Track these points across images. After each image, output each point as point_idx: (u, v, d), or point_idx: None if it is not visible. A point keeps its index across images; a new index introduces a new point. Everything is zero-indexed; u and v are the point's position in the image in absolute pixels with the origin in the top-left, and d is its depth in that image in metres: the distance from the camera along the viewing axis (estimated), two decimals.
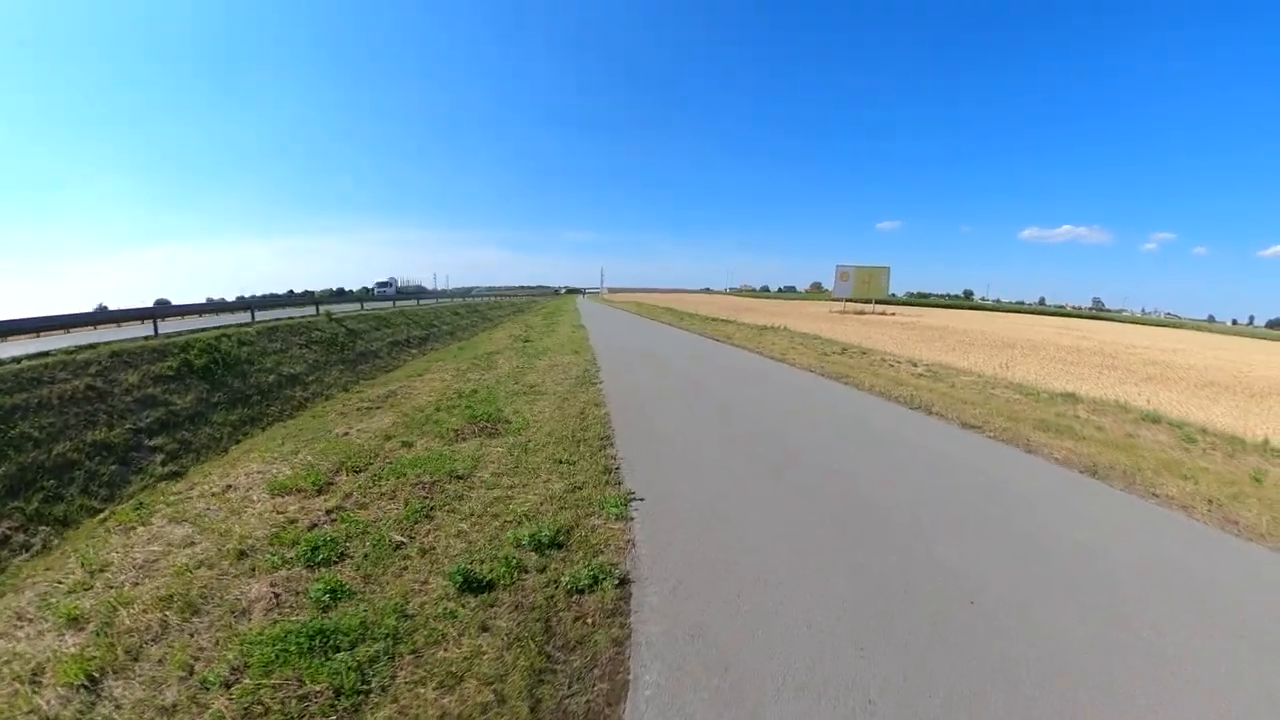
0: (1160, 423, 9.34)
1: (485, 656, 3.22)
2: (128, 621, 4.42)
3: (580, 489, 5.69)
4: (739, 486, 5.84)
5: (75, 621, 4.57)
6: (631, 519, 5.04)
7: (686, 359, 16.33)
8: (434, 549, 4.58)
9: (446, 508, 5.29)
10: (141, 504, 7.27)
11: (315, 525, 5.36)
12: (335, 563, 4.66)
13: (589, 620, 3.52)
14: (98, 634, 4.30)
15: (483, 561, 4.29)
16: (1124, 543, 4.84)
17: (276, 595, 4.35)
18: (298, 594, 4.30)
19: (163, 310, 17.29)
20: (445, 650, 3.31)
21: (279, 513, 5.81)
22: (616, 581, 3.94)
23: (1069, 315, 68.94)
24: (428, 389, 11.73)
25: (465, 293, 62.46)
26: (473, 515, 5.11)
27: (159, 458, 11.46)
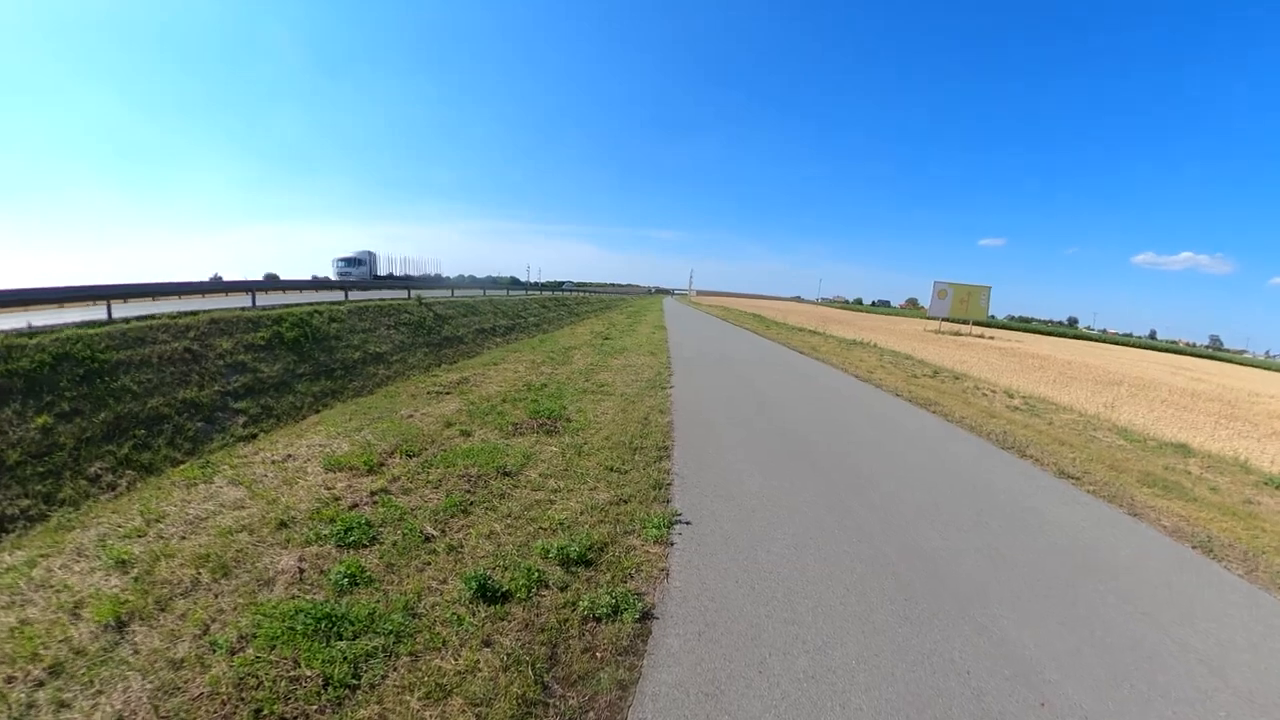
0: None
1: (480, 674, 3.08)
2: (165, 573, 4.66)
3: (625, 502, 5.53)
4: (795, 525, 5.41)
5: (122, 565, 4.90)
6: (672, 544, 4.80)
7: (765, 371, 15.83)
8: (461, 547, 4.52)
9: (486, 505, 5.25)
10: (209, 462, 7.71)
11: (356, 505, 5.45)
12: (364, 546, 4.70)
13: (598, 654, 3.31)
14: (137, 580, 4.58)
15: (505, 569, 4.20)
16: (1251, 662, 3.83)
17: (301, 570, 4.41)
18: (321, 572, 4.36)
19: (261, 284, 18.66)
20: (443, 659, 3.20)
21: (327, 488, 5.96)
22: (639, 615, 3.72)
23: (1182, 353, 61.99)
24: (499, 378, 11.92)
25: (501, 284, 50.73)
26: (509, 516, 5.07)
27: (241, 420, 12.24)
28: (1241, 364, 55.72)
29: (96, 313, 14.65)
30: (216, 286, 18.42)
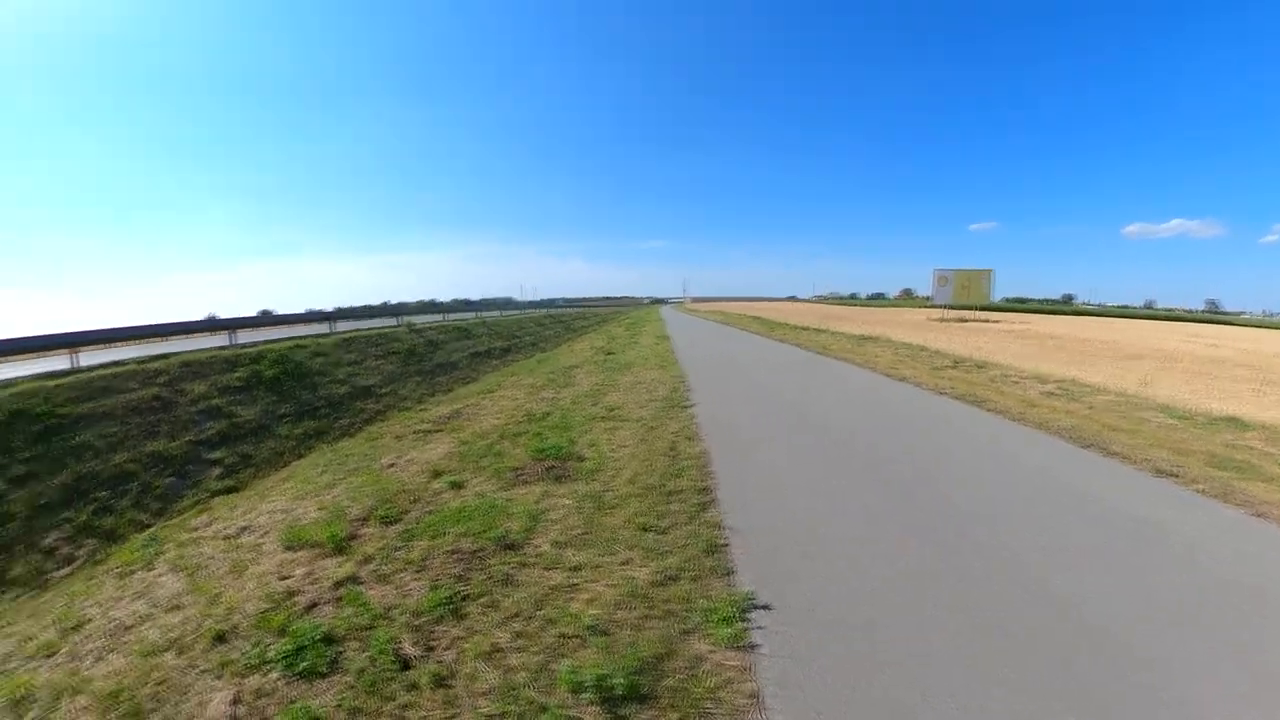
0: None
1: None
2: None
3: (674, 580, 4.08)
4: (904, 594, 4.01)
5: (16, 708, 3.57)
6: (755, 647, 3.39)
7: (787, 376, 14.50)
8: (452, 680, 3.16)
9: (484, 598, 3.86)
10: (154, 539, 6.36)
11: (315, 605, 4.11)
12: (321, 676, 3.36)
13: None
14: None
15: None
16: None
17: None
18: None
19: (233, 322, 17.19)
20: None
21: (282, 577, 4.62)
22: None
23: (1181, 319, 60.65)
24: (496, 409, 10.56)
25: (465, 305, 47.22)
26: (518, 617, 3.65)
27: (216, 471, 10.88)
28: (1244, 325, 54.35)
29: (60, 362, 13.30)
30: (185, 328, 17.01)
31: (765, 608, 3.76)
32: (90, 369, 12.52)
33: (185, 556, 5.53)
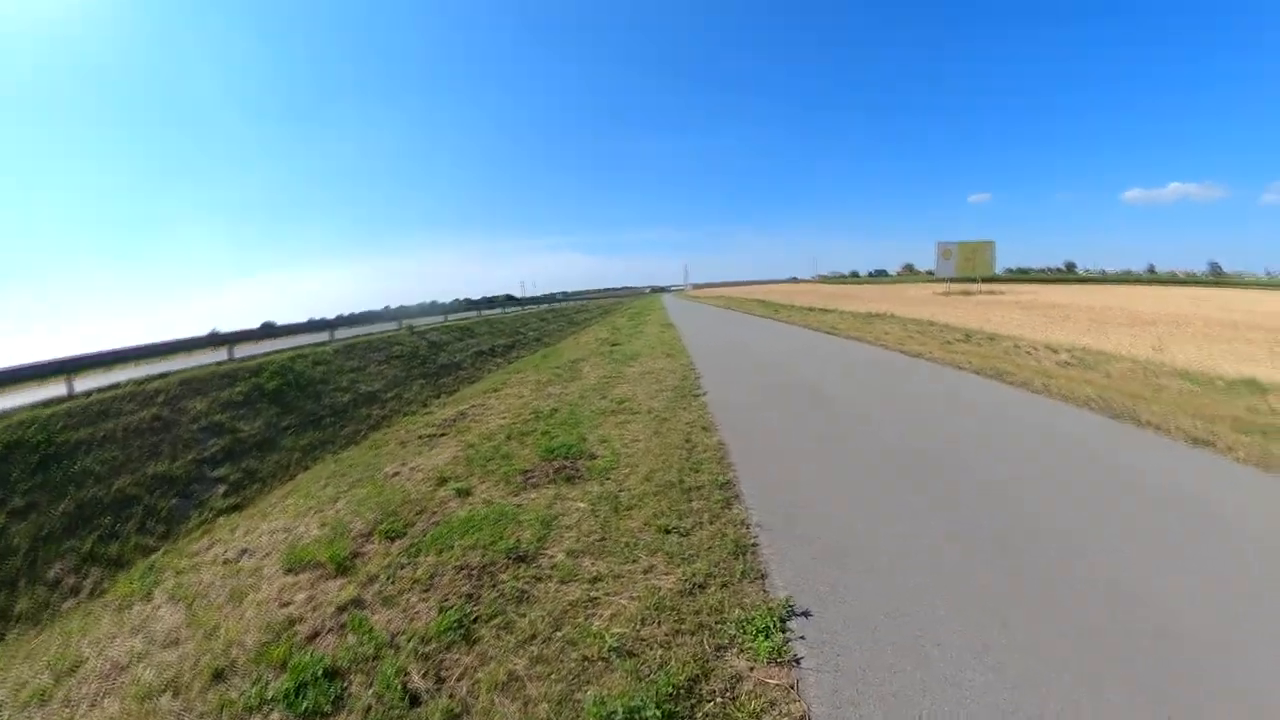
0: None
1: None
2: None
3: (703, 587, 3.70)
4: (956, 591, 3.62)
5: None
6: (798, 661, 3.03)
7: (799, 359, 14.15)
8: (467, 717, 2.81)
9: (496, 620, 3.52)
10: (152, 568, 6.09)
11: (317, 634, 3.80)
12: (324, 717, 3.01)
13: None
14: None
15: None
16: None
17: None
18: None
19: (235, 336, 16.86)
20: None
21: (282, 604, 4.32)
22: None
23: (1184, 283, 59.96)
24: (502, 407, 10.24)
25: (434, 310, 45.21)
26: (534, 639, 3.31)
27: (221, 489, 10.61)
28: (1248, 287, 53.66)
29: (57, 389, 13.02)
30: (185, 345, 16.72)
31: (805, 615, 3.42)
32: (87, 394, 12.23)
33: (184, 585, 5.24)
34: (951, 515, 4.70)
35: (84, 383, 13.28)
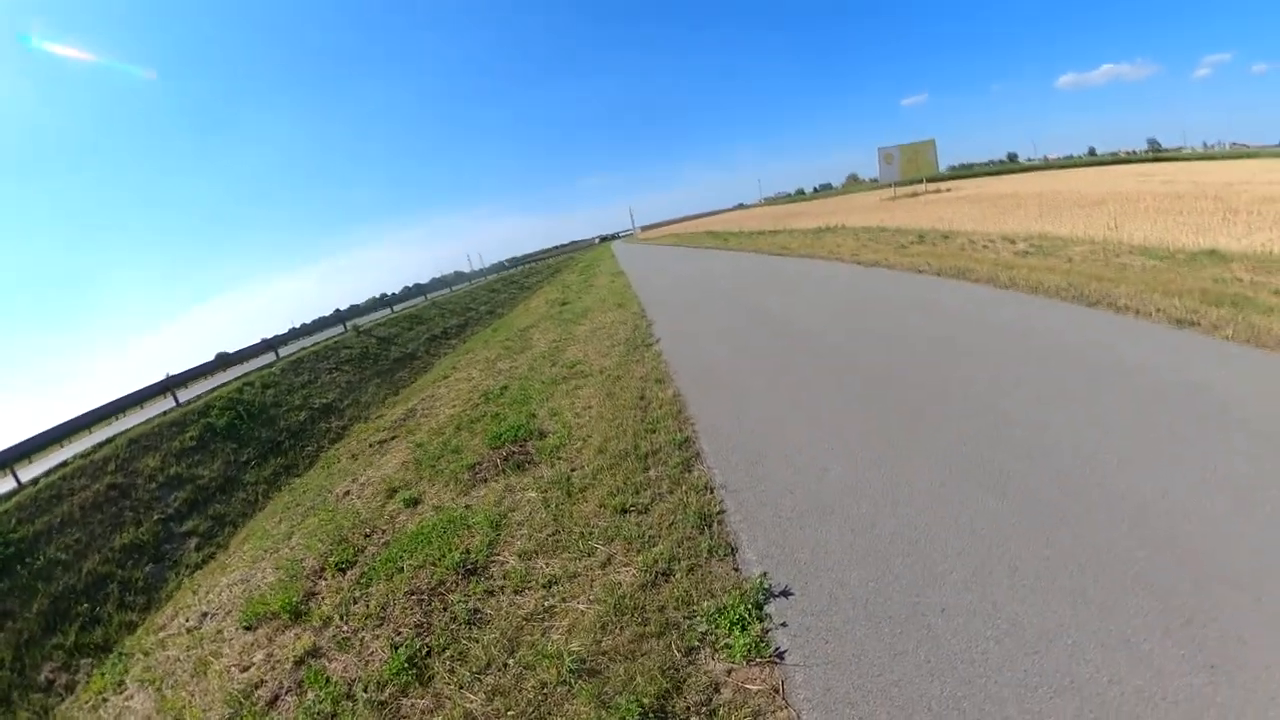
0: None
1: None
2: None
3: (667, 575, 3.41)
4: (949, 545, 3.15)
5: None
6: (783, 657, 2.67)
7: (751, 287, 13.93)
8: None
9: (450, 651, 3.37)
10: (122, 654, 5.90)
11: (277, 697, 3.68)
12: None
13: None
14: None
15: None
16: None
17: None
18: None
19: (174, 381, 16.16)
20: None
21: (243, 668, 4.20)
22: None
23: (1126, 161, 60.52)
24: (451, 395, 10.00)
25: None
26: (490, 668, 3.13)
27: (192, 543, 10.37)
28: (1187, 160, 54.14)
29: (3, 484, 12.43)
30: (132, 400, 16.02)
31: (785, 594, 3.05)
32: (34, 481, 11.70)
33: (152, 666, 5.09)
34: (944, 447, 4.20)
35: (29, 470, 12.69)
